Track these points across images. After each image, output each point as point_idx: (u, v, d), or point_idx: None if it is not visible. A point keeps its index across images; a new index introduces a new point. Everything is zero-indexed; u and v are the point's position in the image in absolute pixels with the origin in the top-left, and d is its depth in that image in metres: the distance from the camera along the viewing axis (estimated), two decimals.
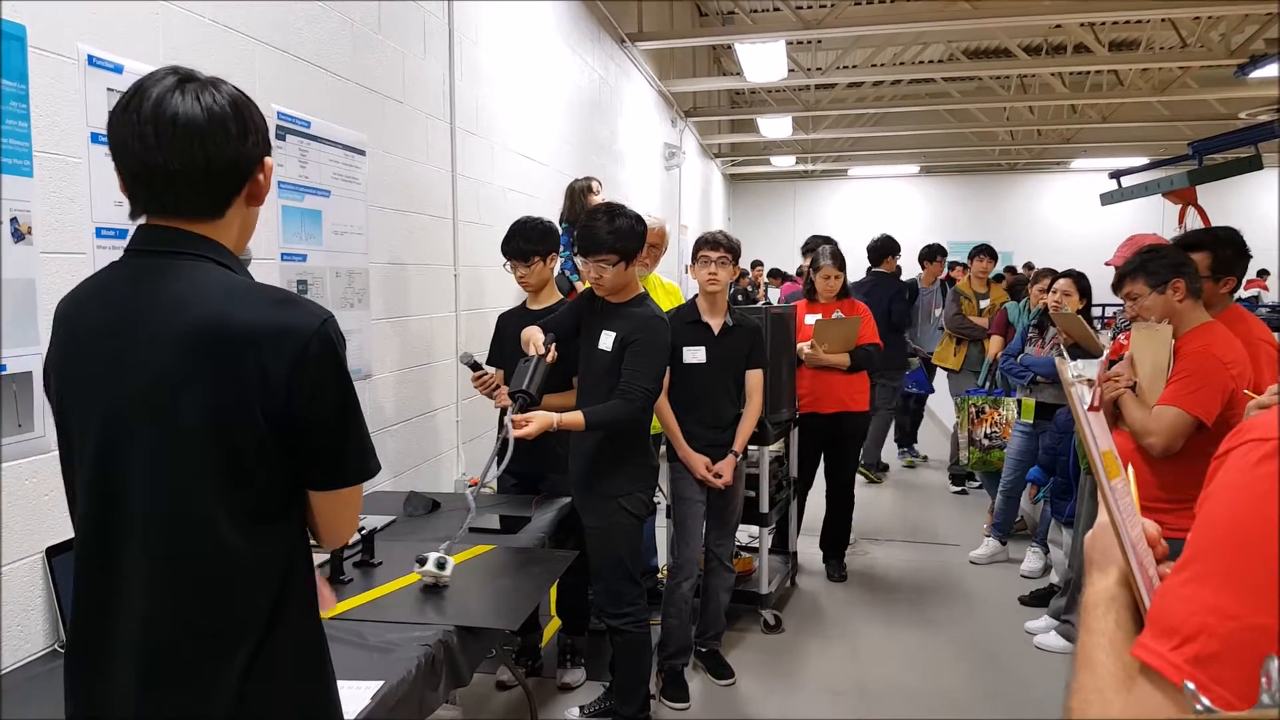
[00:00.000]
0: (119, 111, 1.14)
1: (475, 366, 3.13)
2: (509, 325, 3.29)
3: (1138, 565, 0.80)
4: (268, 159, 1.22)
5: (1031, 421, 4.56)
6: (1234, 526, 0.62)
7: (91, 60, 1.97)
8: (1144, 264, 2.61)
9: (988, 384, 5.26)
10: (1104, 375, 2.69)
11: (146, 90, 1.13)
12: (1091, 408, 0.90)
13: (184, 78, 1.15)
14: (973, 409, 4.96)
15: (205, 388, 1.10)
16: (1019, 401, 4.64)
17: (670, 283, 4.17)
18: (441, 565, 2.21)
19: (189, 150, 1.11)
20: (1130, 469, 0.90)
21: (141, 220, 1.18)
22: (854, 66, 10.62)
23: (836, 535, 4.67)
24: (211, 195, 1.16)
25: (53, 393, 1.21)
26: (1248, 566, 0.60)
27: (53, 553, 1.85)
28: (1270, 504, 0.60)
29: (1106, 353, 2.81)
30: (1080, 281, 4.64)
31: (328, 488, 1.20)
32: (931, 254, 7.09)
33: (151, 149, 1.11)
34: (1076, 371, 0.92)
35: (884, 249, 6.46)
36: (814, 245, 4.76)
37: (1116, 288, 2.72)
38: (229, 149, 1.14)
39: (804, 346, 4.29)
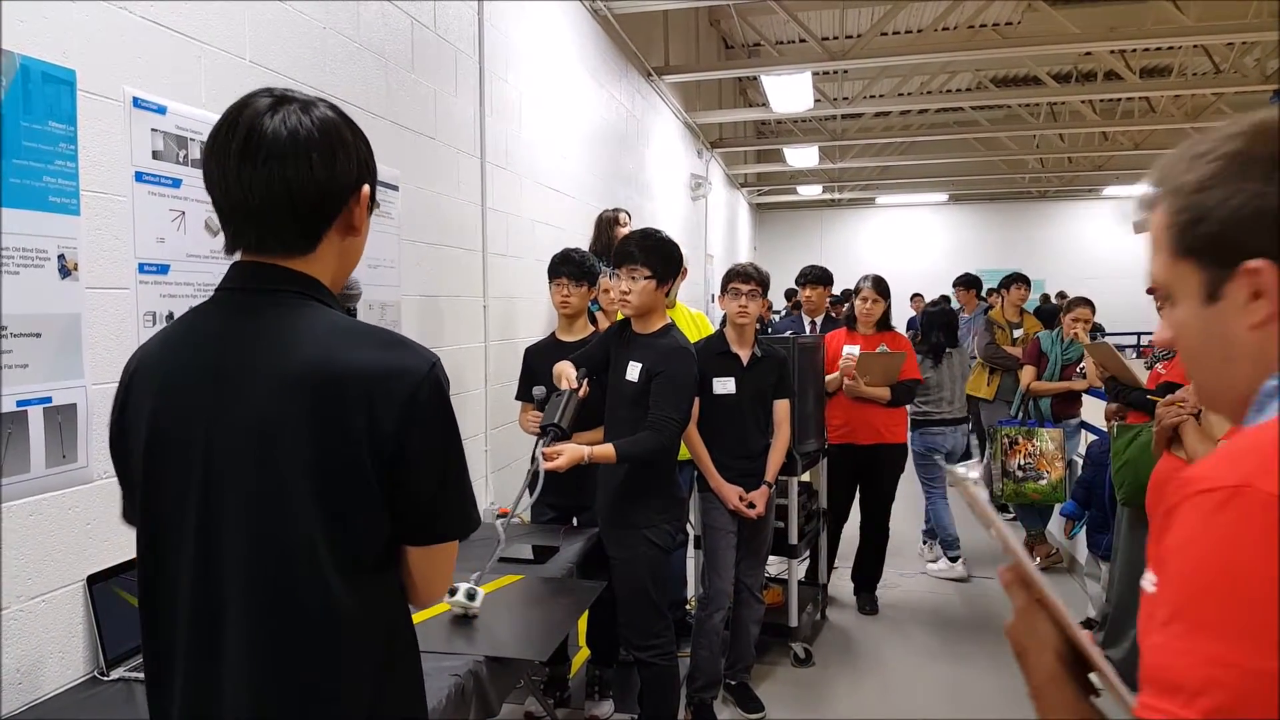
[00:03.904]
0: (210, 142, 1.09)
1: (540, 405, 3.10)
2: (539, 358, 3.33)
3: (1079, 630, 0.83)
4: (365, 188, 1.14)
5: None
6: (1213, 576, 0.63)
7: (137, 102, 2.04)
8: None
9: (1021, 414, 5.20)
10: (1168, 399, 2.63)
11: (238, 120, 1.07)
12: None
13: (279, 100, 1.08)
14: (1006, 440, 4.90)
15: (310, 432, 1.03)
16: None
17: (698, 312, 4.20)
18: (471, 596, 2.21)
19: (267, 178, 1.05)
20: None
21: (236, 256, 1.13)
22: (881, 96, 10.66)
23: (870, 568, 4.61)
24: (298, 229, 1.09)
25: (138, 442, 1.11)
26: (1238, 613, 0.61)
27: (93, 580, 1.89)
28: (1241, 550, 0.62)
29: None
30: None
31: (425, 542, 1.12)
32: (969, 283, 7.42)
33: (235, 179, 1.06)
34: (963, 473, 0.91)
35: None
36: (810, 275, 4.87)
37: None
38: (312, 176, 1.07)
39: (841, 376, 4.22)
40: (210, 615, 1.07)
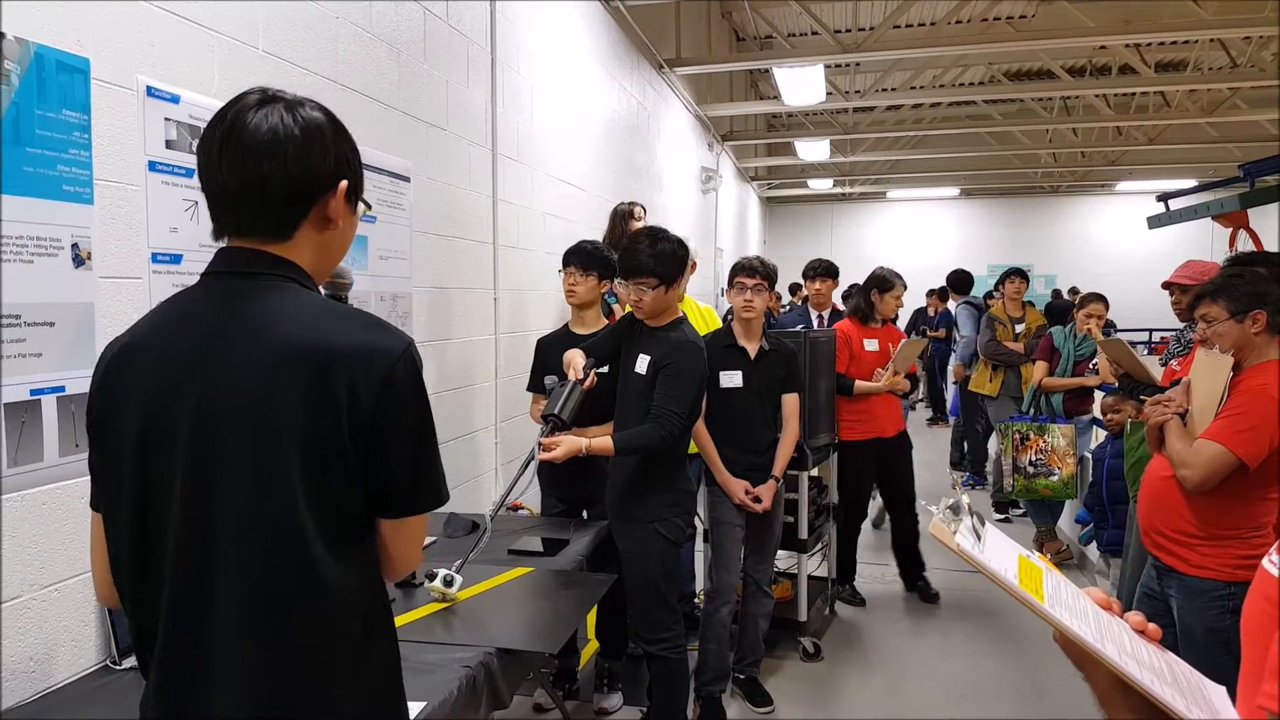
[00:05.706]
0: (202, 134, 1.16)
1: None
2: (551, 350, 3.31)
3: (1129, 658, 0.80)
4: (342, 184, 1.19)
5: None
6: None
7: (150, 91, 2.04)
8: (1227, 287, 2.38)
9: (1032, 410, 5.18)
10: (1155, 398, 2.62)
11: (226, 114, 1.14)
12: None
13: (266, 98, 1.15)
14: (1016, 435, 4.88)
15: (298, 406, 1.09)
16: None
17: (706, 306, 4.18)
18: (449, 583, 2.22)
19: (244, 169, 1.12)
20: (1048, 564, 0.88)
21: (223, 243, 1.18)
22: (893, 89, 10.59)
23: (916, 556, 4.65)
24: (271, 216, 1.15)
25: (130, 425, 1.14)
26: None
27: None
28: None
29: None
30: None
31: (398, 514, 1.19)
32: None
33: (215, 168, 1.13)
34: (943, 523, 0.81)
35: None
36: (818, 269, 4.88)
37: (1193, 306, 2.56)
38: (286, 169, 1.13)
39: (884, 374, 4.27)
40: (197, 592, 1.11)
